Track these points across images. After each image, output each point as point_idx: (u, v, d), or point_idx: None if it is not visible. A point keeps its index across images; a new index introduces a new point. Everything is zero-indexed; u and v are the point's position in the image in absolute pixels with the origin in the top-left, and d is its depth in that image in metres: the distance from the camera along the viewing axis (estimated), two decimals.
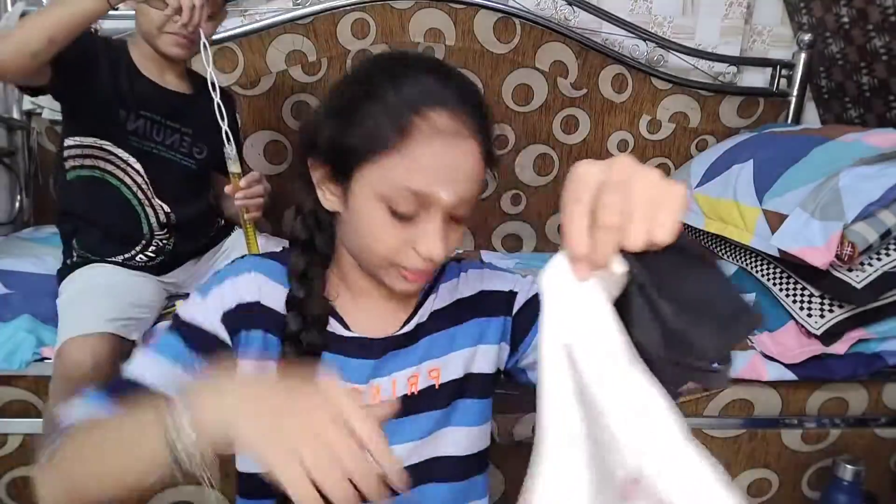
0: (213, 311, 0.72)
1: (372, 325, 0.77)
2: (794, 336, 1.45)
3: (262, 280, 0.74)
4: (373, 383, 0.76)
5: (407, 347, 0.78)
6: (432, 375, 0.78)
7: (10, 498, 1.31)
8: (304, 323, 0.72)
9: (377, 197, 0.64)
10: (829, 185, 1.42)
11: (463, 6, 1.91)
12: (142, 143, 1.35)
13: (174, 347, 0.70)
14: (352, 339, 0.76)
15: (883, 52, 1.82)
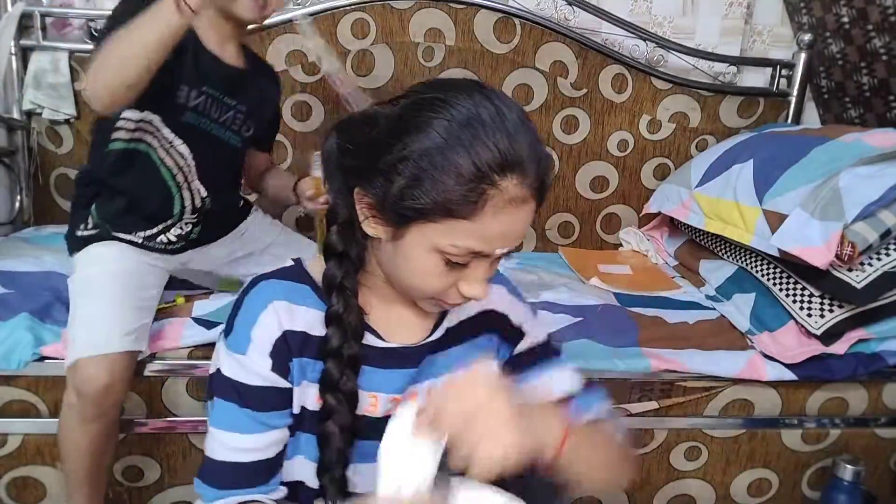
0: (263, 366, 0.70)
1: (404, 332, 0.77)
2: (794, 336, 1.45)
3: (287, 307, 0.72)
4: (410, 390, 0.77)
5: (441, 353, 0.79)
6: None
7: (10, 498, 1.31)
8: (344, 336, 0.71)
9: (434, 249, 0.65)
10: (829, 185, 1.42)
11: (463, 6, 1.91)
12: (199, 119, 1.29)
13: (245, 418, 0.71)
14: (389, 350, 0.76)
15: (883, 52, 1.82)
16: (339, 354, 0.71)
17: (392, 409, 0.75)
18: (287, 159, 1.94)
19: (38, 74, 1.77)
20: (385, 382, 0.76)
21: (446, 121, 0.62)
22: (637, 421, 1.44)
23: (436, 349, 0.79)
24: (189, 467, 1.34)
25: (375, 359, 0.75)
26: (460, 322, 0.81)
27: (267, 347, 0.71)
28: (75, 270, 1.28)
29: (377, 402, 0.75)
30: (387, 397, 0.76)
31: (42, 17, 1.77)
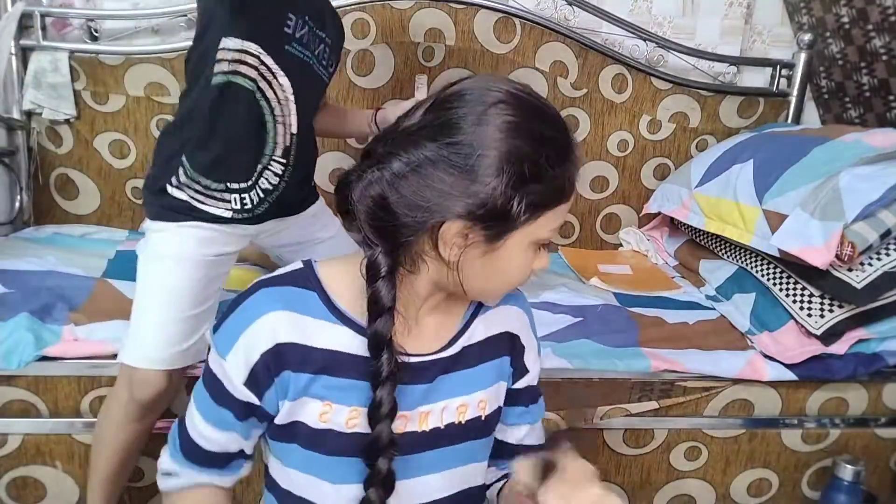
0: (236, 377, 0.70)
1: (419, 342, 0.75)
2: (795, 336, 1.45)
3: (286, 318, 0.69)
4: (421, 409, 0.75)
5: (458, 372, 0.77)
6: (480, 406, 0.79)
7: (10, 498, 1.31)
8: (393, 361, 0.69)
9: (531, 244, 0.69)
10: (829, 185, 1.42)
11: (463, 6, 1.91)
12: (303, 51, 1.22)
13: (217, 415, 0.72)
14: (402, 365, 0.72)
15: (883, 52, 1.82)
16: (390, 380, 0.69)
17: (400, 426, 0.73)
18: None
19: (38, 74, 1.77)
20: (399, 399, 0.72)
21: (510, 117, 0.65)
22: (637, 421, 1.44)
23: (450, 367, 0.77)
24: None
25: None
26: (478, 342, 0.79)
27: (248, 360, 0.69)
28: (149, 246, 1.20)
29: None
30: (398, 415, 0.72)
31: (42, 17, 1.77)
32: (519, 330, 0.83)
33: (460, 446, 0.78)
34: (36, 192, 1.85)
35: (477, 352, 0.79)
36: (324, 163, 1.94)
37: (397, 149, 0.65)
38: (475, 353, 0.79)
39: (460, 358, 0.77)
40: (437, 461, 0.77)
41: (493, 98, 0.65)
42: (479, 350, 0.79)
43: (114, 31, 1.88)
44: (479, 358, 0.79)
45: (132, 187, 1.88)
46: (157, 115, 1.85)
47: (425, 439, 0.76)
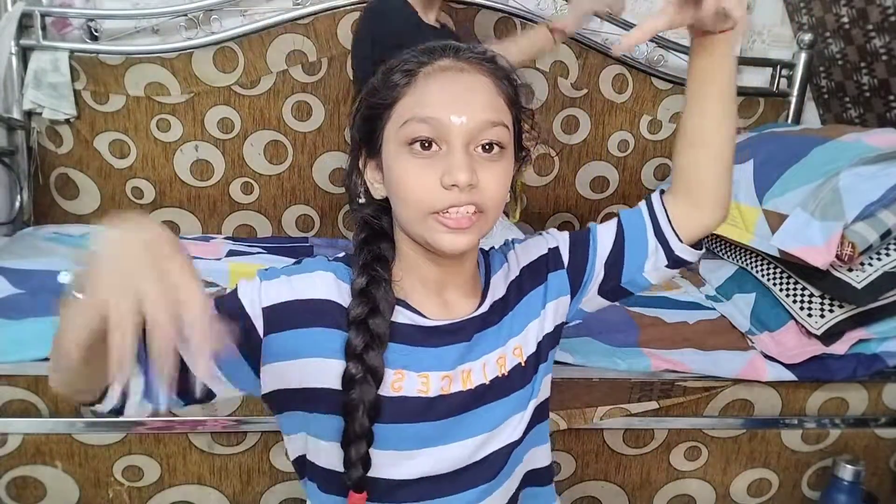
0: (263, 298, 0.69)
1: (446, 310, 0.76)
2: (795, 336, 1.45)
3: (333, 280, 0.73)
4: (462, 368, 0.75)
5: (492, 327, 0.78)
6: (516, 353, 0.79)
7: (10, 498, 1.31)
8: (369, 308, 0.70)
9: (399, 143, 0.68)
10: (829, 185, 1.42)
11: (463, 6, 1.91)
12: None
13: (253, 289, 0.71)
14: (434, 329, 0.74)
15: (883, 52, 1.82)
16: (363, 324, 0.69)
17: (445, 387, 0.74)
18: (287, 159, 1.94)
19: (38, 74, 1.77)
20: (435, 361, 0.74)
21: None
22: (637, 421, 1.44)
23: (485, 324, 0.77)
24: (189, 467, 1.34)
25: (420, 337, 0.74)
26: (500, 298, 0.80)
27: (283, 294, 0.69)
28: None
29: (429, 381, 0.73)
30: (439, 375, 0.74)
31: (42, 16, 1.77)
32: (521, 259, 0.83)
33: (508, 399, 0.78)
34: (36, 192, 1.85)
35: (500, 306, 0.79)
36: (324, 163, 1.94)
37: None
38: (499, 308, 0.79)
39: (490, 315, 0.78)
40: (487, 418, 0.76)
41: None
42: (502, 304, 0.80)
43: (114, 31, 1.88)
44: (502, 311, 0.79)
45: (132, 187, 1.88)
46: (157, 115, 1.85)
47: (472, 398, 0.75)
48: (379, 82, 0.71)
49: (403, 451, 0.73)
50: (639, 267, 0.82)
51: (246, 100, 1.88)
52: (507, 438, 0.78)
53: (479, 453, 0.76)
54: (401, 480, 0.73)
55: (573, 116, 2.04)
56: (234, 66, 1.86)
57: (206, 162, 1.90)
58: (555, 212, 2.11)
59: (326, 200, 1.98)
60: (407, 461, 0.73)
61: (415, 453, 0.73)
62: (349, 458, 0.70)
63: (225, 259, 1.73)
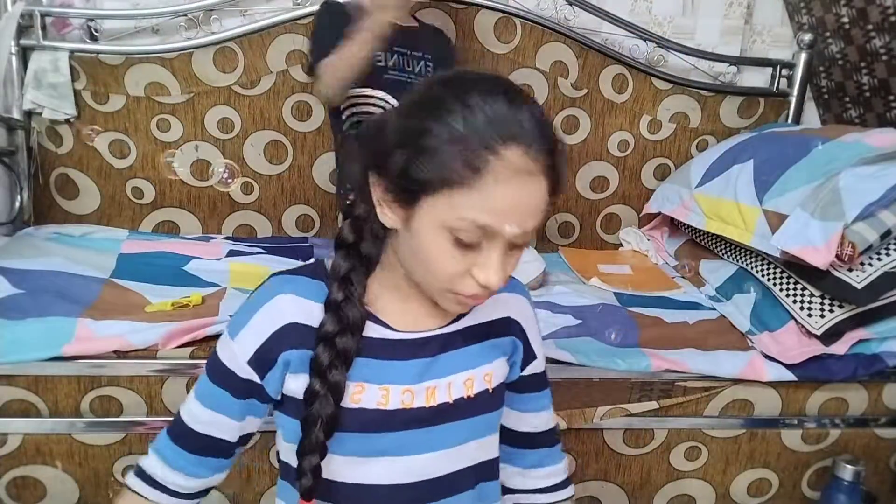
0: (241, 355, 0.72)
1: (416, 321, 0.76)
2: (795, 336, 1.45)
3: (293, 300, 0.72)
4: (427, 384, 0.76)
5: (461, 348, 0.78)
6: (486, 379, 0.79)
7: (10, 498, 1.31)
8: (339, 325, 0.71)
9: (442, 226, 0.64)
10: (829, 185, 1.43)
11: (463, 6, 1.91)
12: (400, 75, 1.60)
13: (215, 398, 0.74)
14: (399, 342, 0.75)
15: (883, 52, 1.82)
16: (330, 342, 0.70)
17: (406, 400, 0.74)
18: (287, 159, 1.94)
19: (38, 74, 1.77)
20: (397, 374, 0.74)
21: (449, 94, 0.64)
22: (637, 421, 1.44)
23: (450, 343, 0.77)
24: None
25: (385, 350, 0.74)
26: (480, 324, 0.80)
27: (257, 339, 0.71)
28: None
29: (389, 394, 0.74)
30: (400, 388, 0.74)
31: (42, 16, 1.77)
32: (519, 315, 0.84)
33: (471, 420, 0.78)
34: (36, 192, 1.85)
35: (479, 331, 0.80)
36: (323, 163, 1.94)
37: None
38: (477, 332, 0.80)
39: (461, 335, 0.78)
40: (447, 436, 0.77)
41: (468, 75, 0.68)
42: (481, 329, 0.80)
43: (114, 31, 1.88)
44: (481, 336, 0.80)
45: (132, 187, 1.88)
46: (157, 115, 1.85)
47: (433, 414, 0.76)
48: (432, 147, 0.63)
49: (361, 457, 0.74)
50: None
51: (246, 100, 1.88)
52: (472, 460, 0.79)
53: (440, 469, 0.77)
54: (358, 485, 0.75)
55: (573, 116, 2.04)
56: (234, 66, 1.86)
57: (207, 162, 1.90)
58: (555, 212, 2.11)
59: (326, 200, 1.98)
60: (364, 467, 0.74)
61: (372, 461, 0.74)
62: (301, 468, 0.72)
63: (225, 259, 1.73)
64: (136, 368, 1.28)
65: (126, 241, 1.78)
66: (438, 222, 0.64)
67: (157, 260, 1.67)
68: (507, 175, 0.62)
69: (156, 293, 1.47)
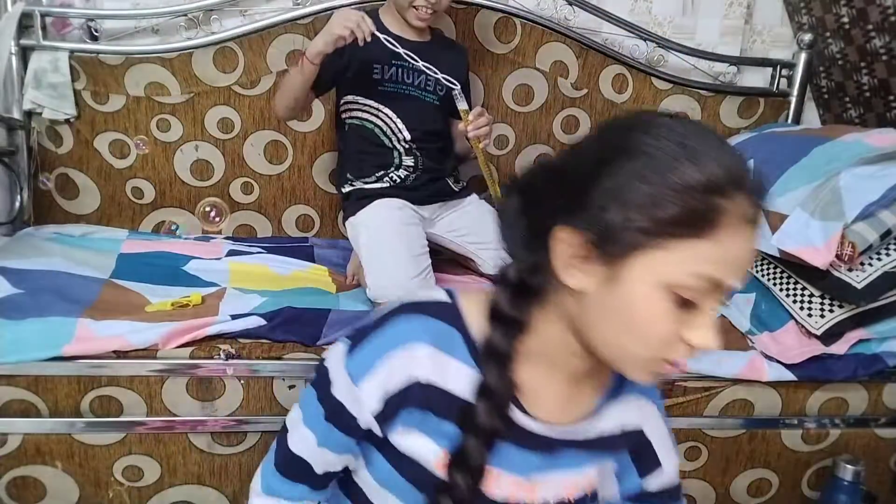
0: (368, 406, 0.66)
1: (554, 407, 0.70)
2: (795, 336, 1.45)
3: (430, 355, 0.65)
4: (536, 477, 0.71)
5: (580, 450, 0.72)
6: (588, 483, 0.75)
7: (10, 498, 1.31)
8: (492, 412, 0.65)
9: (663, 285, 0.57)
10: (829, 185, 1.42)
11: (463, 6, 1.91)
12: (397, 87, 1.64)
13: (324, 432, 0.69)
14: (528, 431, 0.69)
15: (883, 52, 1.82)
16: (482, 431, 0.65)
17: (513, 493, 0.70)
18: (287, 159, 1.94)
19: (38, 74, 1.77)
20: (512, 460, 0.69)
21: (661, 138, 0.57)
22: None
23: (573, 445, 0.72)
24: (189, 467, 1.34)
25: (513, 435, 0.68)
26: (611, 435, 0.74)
27: (385, 390, 0.65)
28: (360, 230, 1.60)
29: (500, 480, 0.69)
30: (510, 478, 0.70)
31: (42, 16, 1.77)
32: (647, 425, 0.77)
33: None
34: (36, 192, 1.85)
35: (602, 440, 0.74)
36: (324, 163, 1.94)
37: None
38: (600, 441, 0.74)
39: (589, 443, 0.73)
40: None
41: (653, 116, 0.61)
42: (611, 441, 0.75)
43: (114, 31, 1.88)
44: (601, 445, 0.74)
45: (132, 187, 1.88)
46: (157, 115, 1.85)
47: None
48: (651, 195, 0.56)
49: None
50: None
51: (246, 100, 1.88)
52: None
53: None
54: None
55: (573, 116, 2.04)
56: (234, 66, 1.86)
57: (206, 162, 1.90)
58: None
59: (326, 200, 1.98)
60: None
61: None
62: None
63: (225, 259, 1.73)
64: (136, 368, 1.28)
65: (126, 241, 1.78)
66: (658, 279, 0.57)
67: (156, 260, 1.67)
68: (740, 223, 0.57)
69: (156, 293, 1.47)
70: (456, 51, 1.79)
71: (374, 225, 1.59)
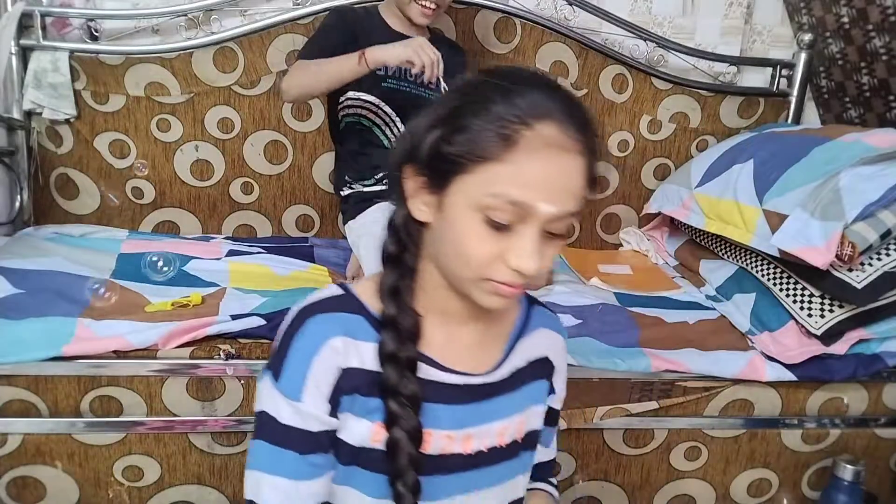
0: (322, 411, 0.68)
1: (462, 356, 0.74)
2: (795, 336, 1.45)
3: (340, 343, 0.68)
4: (467, 431, 0.74)
5: (500, 396, 0.76)
6: (518, 429, 0.78)
7: (10, 498, 1.31)
8: (399, 340, 0.69)
9: (475, 206, 0.63)
10: (829, 185, 1.42)
11: (463, 6, 1.91)
12: (398, 83, 1.63)
13: (290, 466, 0.68)
14: (448, 385, 0.73)
15: (883, 52, 1.82)
16: (395, 358, 0.68)
17: (446, 446, 0.73)
18: (287, 159, 1.94)
19: (38, 74, 1.77)
20: (440, 418, 0.72)
21: (482, 81, 0.66)
22: (637, 421, 1.44)
23: (494, 391, 0.76)
24: (189, 467, 1.34)
25: (431, 392, 0.71)
26: (520, 368, 0.79)
27: (326, 392, 0.68)
28: (360, 235, 1.60)
29: (431, 438, 0.72)
30: (441, 434, 0.72)
31: (42, 16, 1.77)
32: (554, 354, 0.83)
33: (500, 466, 0.77)
34: (36, 192, 1.85)
35: (518, 377, 0.78)
36: (324, 163, 1.94)
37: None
38: (517, 379, 0.78)
39: (504, 383, 0.77)
40: (479, 480, 0.76)
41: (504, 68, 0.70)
42: (521, 375, 0.79)
43: (114, 31, 1.88)
44: (519, 382, 0.78)
45: (132, 187, 1.88)
46: (157, 115, 1.85)
47: (468, 462, 0.74)
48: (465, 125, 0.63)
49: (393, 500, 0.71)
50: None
51: (246, 100, 1.88)
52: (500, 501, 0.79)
53: None
54: None
55: None
56: (234, 66, 1.86)
57: (206, 162, 1.90)
58: None
59: (326, 200, 1.98)
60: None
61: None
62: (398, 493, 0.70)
63: (225, 259, 1.73)
64: (136, 368, 1.28)
65: (126, 241, 1.78)
66: (471, 202, 0.63)
67: None
68: (540, 146, 0.61)
69: (156, 293, 1.47)
70: (455, 51, 1.78)
71: (374, 230, 1.58)
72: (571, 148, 0.63)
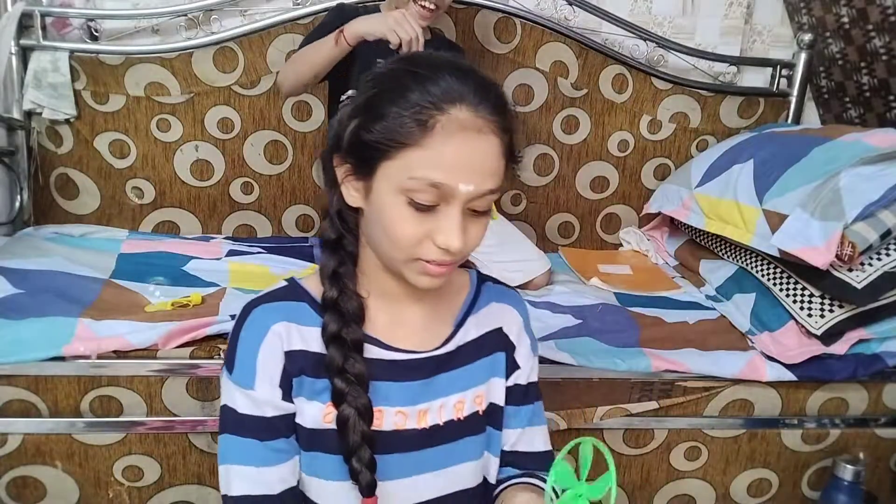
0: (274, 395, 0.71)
1: (408, 335, 0.76)
2: (795, 336, 1.45)
3: (282, 328, 0.72)
4: (420, 407, 0.76)
5: (454, 370, 0.78)
6: (476, 401, 0.79)
7: (10, 498, 1.31)
8: (342, 320, 0.72)
9: (399, 190, 0.66)
10: (829, 185, 1.42)
11: (463, 6, 1.91)
12: None
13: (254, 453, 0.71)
14: (394, 362, 0.75)
15: (883, 52, 1.82)
16: (339, 339, 0.71)
17: (399, 422, 0.74)
18: (287, 159, 1.94)
19: (38, 74, 1.77)
20: (391, 395, 0.74)
21: (404, 69, 0.68)
22: (637, 421, 1.44)
23: (445, 364, 0.78)
24: (189, 467, 1.34)
25: (379, 370, 0.74)
26: (472, 340, 0.80)
27: (275, 377, 0.71)
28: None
29: (382, 416, 0.74)
30: (393, 410, 0.74)
31: (42, 16, 1.77)
32: (510, 327, 0.83)
33: (457, 443, 0.78)
34: (36, 192, 1.85)
35: (472, 349, 0.80)
36: None
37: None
38: (470, 351, 0.80)
39: (455, 356, 0.79)
40: (434, 459, 0.77)
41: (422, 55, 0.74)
42: (474, 348, 0.80)
43: (114, 31, 1.88)
44: (474, 355, 0.80)
45: (132, 187, 1.88)
46: (157, 115, 1.85)
47: (424, 437, 0.76)
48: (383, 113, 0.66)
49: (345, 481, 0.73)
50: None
51: (246, 100, 1.88)
52: (466, 484, 0.79)
53: (426, 493, 0.77)
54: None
55: (573, 116, 2.04)
56: (234, 66, 1.86)
57: (207, 162, 1.90)
58: (555, 212, 2.11)
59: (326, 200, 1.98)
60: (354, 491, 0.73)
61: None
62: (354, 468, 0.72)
63: (225, 259, 1.73)
64: (136, 368, 1.28)
65: (126, 241, 1.78)
66: (395, 186, 0.66)
67: (156, 260, 1.67)
68: (455, 130, 0.64)
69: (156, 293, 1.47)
70: (455, 52, 1.78)
71: None
72: (485, 129, 0.66)
